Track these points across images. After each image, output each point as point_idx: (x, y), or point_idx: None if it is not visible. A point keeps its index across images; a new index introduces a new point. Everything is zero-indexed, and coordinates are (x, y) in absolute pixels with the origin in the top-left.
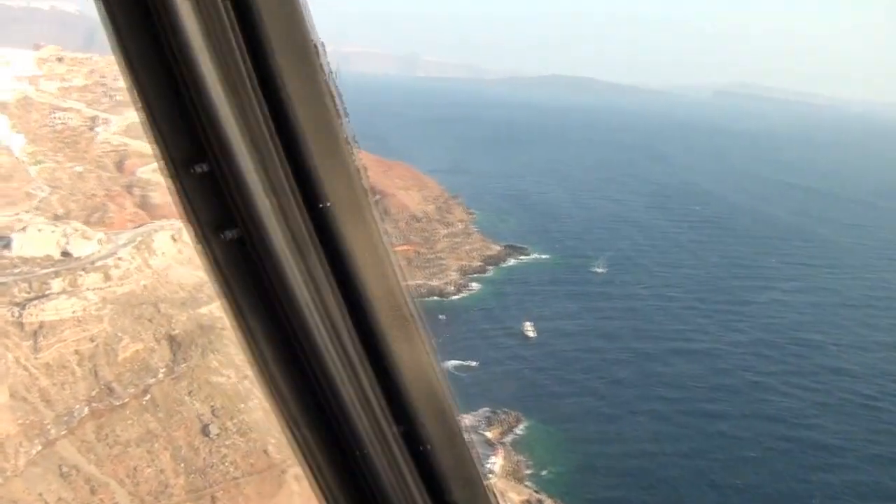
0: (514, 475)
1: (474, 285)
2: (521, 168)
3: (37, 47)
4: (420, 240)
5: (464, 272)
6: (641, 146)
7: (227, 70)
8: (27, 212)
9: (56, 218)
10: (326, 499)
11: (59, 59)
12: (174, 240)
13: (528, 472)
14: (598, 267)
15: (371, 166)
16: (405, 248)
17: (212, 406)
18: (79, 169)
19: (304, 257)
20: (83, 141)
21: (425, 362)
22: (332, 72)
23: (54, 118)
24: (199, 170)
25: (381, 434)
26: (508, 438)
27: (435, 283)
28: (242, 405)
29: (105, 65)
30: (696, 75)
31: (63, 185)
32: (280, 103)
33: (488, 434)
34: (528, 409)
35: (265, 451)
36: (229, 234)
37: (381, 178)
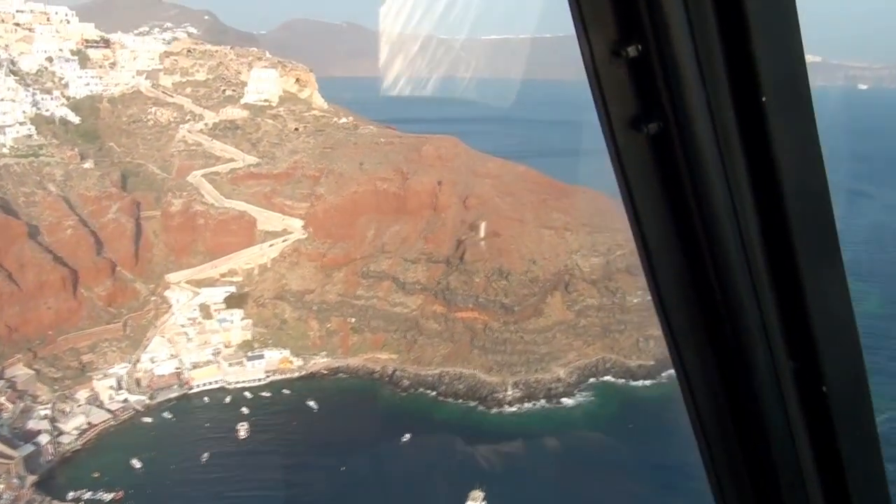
0: None
1: (581, 396)
2: None
3: (168, 41)
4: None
5: (585, 371)
6: None
7: None
8: None
9: None
10: (703, 427)
11: (189, 52)
12: None
13: None
14: None
15: None
16: (470, 314)
17: None
18: (87, 165)
19: (729, 156)
20: (164, 138)
21: (837, 294)
22: None
23: (148, 114)
24: (629, 53)
25: (775, 367)
26: None
27: (493, 378)
28: None
29: (234, 57)
30: None
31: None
32: None
33: None
34: None
35: None
36: (652, 128)
37: None
